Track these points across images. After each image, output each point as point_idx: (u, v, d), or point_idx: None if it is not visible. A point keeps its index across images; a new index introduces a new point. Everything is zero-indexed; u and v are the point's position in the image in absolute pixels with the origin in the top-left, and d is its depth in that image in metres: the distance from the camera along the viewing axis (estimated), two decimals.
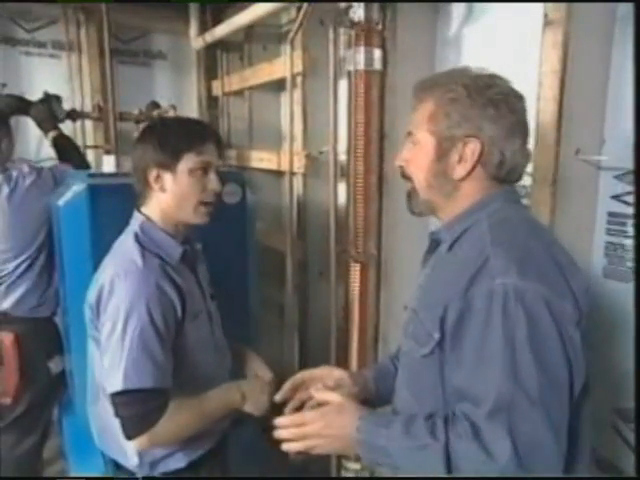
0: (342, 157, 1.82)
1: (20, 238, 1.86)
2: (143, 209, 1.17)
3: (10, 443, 1.94)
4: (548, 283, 0.73)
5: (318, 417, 0.86)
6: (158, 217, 1.15)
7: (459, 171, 0.82)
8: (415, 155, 0.87)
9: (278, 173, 2.49)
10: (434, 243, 0.93)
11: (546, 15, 1.11)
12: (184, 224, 1.17)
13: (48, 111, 2.05)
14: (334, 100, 1.50)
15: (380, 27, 1.50)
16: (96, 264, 1.19)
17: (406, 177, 0.90)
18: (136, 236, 1.12)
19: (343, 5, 1.47)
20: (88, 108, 2.49)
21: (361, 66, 1.49)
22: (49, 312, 1.96)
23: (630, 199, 1.15)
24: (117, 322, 1.04)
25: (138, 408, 1.04)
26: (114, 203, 1.30)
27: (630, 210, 1.16)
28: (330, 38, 1.43)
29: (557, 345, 0.71)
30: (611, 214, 1.19)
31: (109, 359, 1.06)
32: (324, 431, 0.84)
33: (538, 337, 0.70)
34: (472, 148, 0.81)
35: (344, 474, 1.79)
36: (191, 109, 2.79)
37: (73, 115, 2.19)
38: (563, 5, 1.08)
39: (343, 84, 1.58)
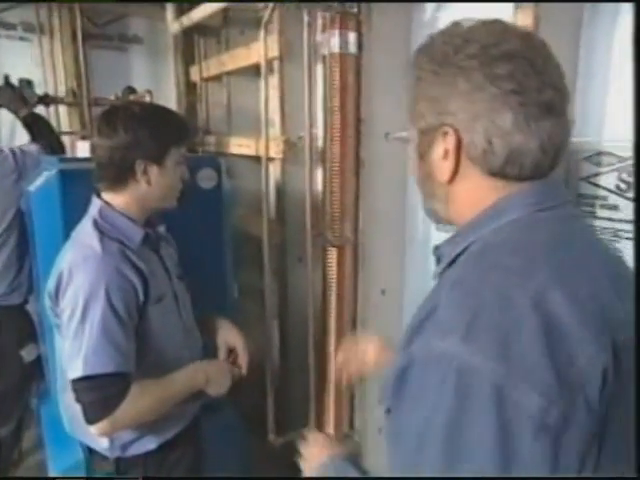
0: (320, 142, 1.82)
1: None
2: (105, 195, 1.16)
3: None
4: (510, 360, 0.48)
5: (308, 443, 0.95)
6: (126, 204, 1.15)
7: (442, 172, 0.63)
8: (409, 157, 0.71)
9: (257, 159, 2.48)
10: (438, 260, 0.72)
11: None
12: (155, 209, 1.18)
13: (14, 93, 2.00)
14: (309, 84, 1.49)
15: (355, 10, 1.50)
16: None
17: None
18: (95, 222, 1.12)
19: None
20: (62, 93, 2.44)
21: (336, 49, 1.49)
22: (20, 299, 1.94)
23: (598, 180, 1.17)
24: (76, 308, 1.04)
25: (98, 393, 1.05)
26: (86, 188, 1.28)
27: (599, 192, 1.18)
28: (305, 22, 1.42)
29: (487, 451, 0.48)
30: (580, 195, 1.21)
31: (69, 345, 1.07)
32: (307, 457, 0.93)
33: (462, 431, 0.49)
34: (450, 140, 0.60)
35: None
36: (169, 95, 2.75)
37: (46, 100, 2.15)
38: None
39: (320, 68, 1.58)
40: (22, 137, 2.45)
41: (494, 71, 0.57)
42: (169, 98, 2.69)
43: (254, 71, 2.48)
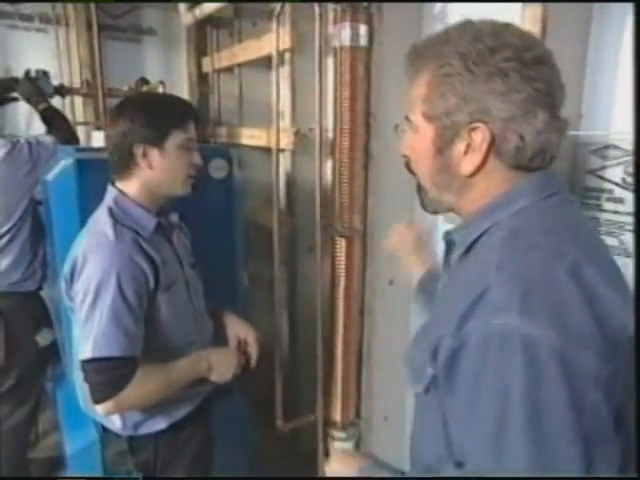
0: (330, 134, 1.84)
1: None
2: (118, 184, 1.20)
3: (3, 413, 1.99)
4: (565, 327, 0.54)
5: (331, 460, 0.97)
6: (137, 191, 1.19)
7: (466, 166, 0.66)
8: (415, 146, 0.72)
9: (268, 150, 2.51)
10: (449, 245, 0.78)
11: None
12: (165, 197, 1.22)
13: (34, 87, 2.04)
14: (320, 77, 1.51)
15: (366, 3, 1.51)
16: None
17: (411, 171, 0.77)
18: (109, 210, 1.16)
19: None
20: (77, 84, 2.48)
21: (347, 42, 1.50)
22: (35, 286, 1.99)
23: (604, 173, 1.18)
24: (88, 293, 1.09)
25: (105, 375, 1.09)
26: (102, 177, 1.32)
27: (605, 185, 1.20)
28: (316, 14, 1.43)
29: (565, 413, 0.53)
30: (586, 189, 1.22)
31: (81, 328, 1.11)
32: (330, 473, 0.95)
33: (539, 400, 0.53)
34: (480, 136, 0.64)
35: (330, 442, 1.85)
36: (181, 86, 2.78)
37: (62, 91, 2.19)
38: None
39: (331, 61, 1.59)
40: (39, 127, 2.51)
41: (529, 73, 0.62)
42: (181, 89, 2.73)
43: (265, 63, 2.50)
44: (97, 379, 1.10)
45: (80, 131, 2.50)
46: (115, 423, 1.23)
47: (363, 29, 1.50)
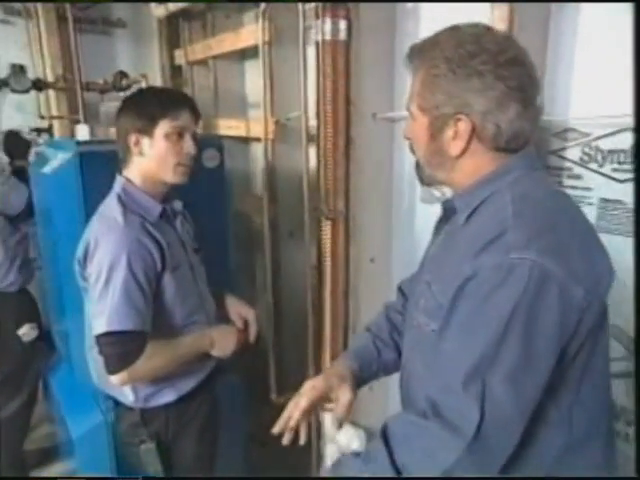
0: (312, 123, 1.93)
1: None
2: (125, 172, 1.29)
3: None
4: (568, 266, 0.69)
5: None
6: (138, 179, 1.27)
7: (454, 149, 0.81)
8: (413, 132, 0.86)
9: (245, 140, 2.59)
10: (447, 212, 0.91)
11: None
12: (163, 184, 1.29)
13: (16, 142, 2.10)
14: (304, 69, 1.60)
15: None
16: None
17: (412, 151, 0.90)
18: (118, 197, 1.25)
19: None
20: (50, 78, 2.46)
21: (328, 36, 1.60)
22: (15, 288, 2.02)
23: (565, 154, 1.34)
24: (101, 273, 1.17)
25: (119, 348, 1.19)
26: (103, 169, 1.38)
27: (565, 164, 1.35)
28: (300, 10, 1.53)
29: (553, 333, 0.69)
30: (550, 167, 1.37)
31: (94, 306, 1.20)
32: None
33: (537, 320, 0.69)
34: (463, 125, 0.78)
35: (321, 413, 1.97)
36: (154, 79, 2.79)
37: (39, 85, 2.19)
38: None
39: (309, 53, 1.69)
40: (9, 121, 2.49)
41: (502, 73, 0.75)
42: (154, 82, 2.74)
43: (239, 55, 2.58)
44: (111, 351, 1.19)
45: (56, 125, 2.51)
46: (128, 397, 1.32)
47: (343, 24, 1.60)
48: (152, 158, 1.25)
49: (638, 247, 1.01)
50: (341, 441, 1.95)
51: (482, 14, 1.35)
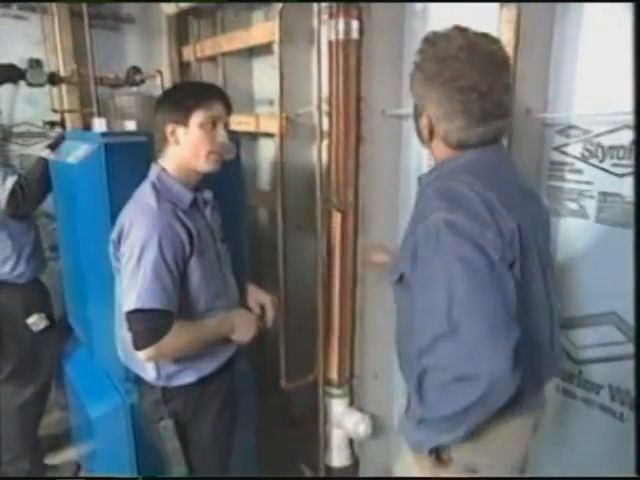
0: (324, 119, 1.99)
1: None
2: (160, 161, 1.36)
3: (10, 394, 2.09)
4: (472, 216, 0.90)
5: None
6: (173, 167, 1.35)
7: (425, 134, 1.07)
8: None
9: (254, 135, 2.65)
10: (420, 183, 1.15)
11: None
12: (196, 172, 1.36)
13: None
14: (318, 66, 1.67)
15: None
16: (113, 217, 1.37)
17: None
18: (153, 184, 1.32)
19: None
20: (62, 72, 2.50)
21: (341, 35, 1.67)
22: (25, 280, 2.06)
23: (568, 150, 1.41)
24: (133, 253, 1.24)
25: (147, 324, 1.25)
26: (128, 160, 1.44)
27: (567, 159, 1.43)
28: (315, 10, 1.59)
29: (481, 258, 0.88)
30: (553, 162, 1.45)
31: (126, 283, 1.27)
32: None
33: (462, 254, 0.89)
34: (426, 120, 1.04)
35: (327, 399, 2.05)
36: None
37: (54, 79, 2.24)
38: None
39: (316, 51, 1.75)
40: (21, 114, 2.54)
41: (454, 96, 0.97)
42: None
43: (247, 52, 2.64)
44: (140, 328, 1.25)
45: (68, 118, 2.56)
46: (151, 375, 1.39)
47: (355, 23, 1.67)
48: (187, 146, 1.32)
49: (638, 244, 1.08)
50: (347, 426, 2.03)
51: (490, 15, 1.43)
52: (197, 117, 1.31)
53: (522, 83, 1.37)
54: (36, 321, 2.08)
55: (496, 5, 1.39)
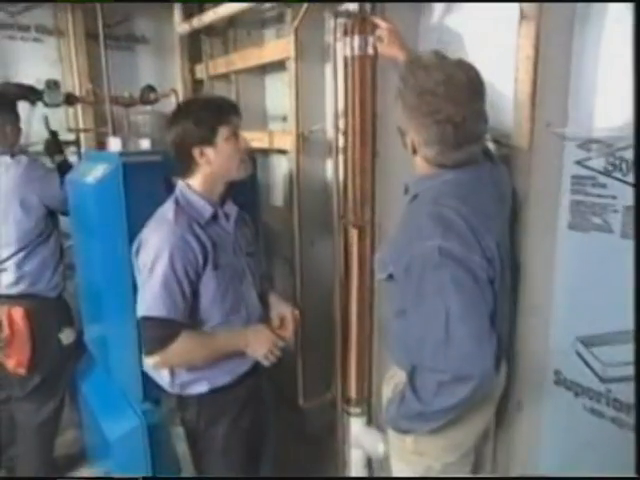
0: (330, 135, 2.00)
1: (24, 221, 1.96)
2: (186, 179, 1.38)
3: (31, 410, 2.07)
4: (463, 243, 1.06)
5: None
6: (199, 182, 1.37)
7: (409, 149, 1.19)
8: None
9: (264, 152, 2.65)
10: (405, 190, 1.30)
11: (522, 11, 1.33)
12: (223, 184, 1.39)
13: (55, 142, 2.26)
14: (334, 83, 1.67)
15: (372, 15, 1.68)
16: (131, 236, 1.37)
17: None
18: (176, 199, 1.35)
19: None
20: (78, 92, 2.54)
21: (357, 51, 1.67)
22: (56, 293, 2.09)
23: (590, 164, 1.39)
24: (147, 263, 1.28)
25: (154, 331, 1.29)
26: (145, 180, 1.45)
27: (590, 173, 1.41)
28: (331, 27, 1.60)
29: (471, 280, 1.06)
30: (574, 177, 1.43)
31: (140, 291, 1.31)
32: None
33: (454, 275, 1.05)
34: (409, 138, 1.16)
35: (346, 417, 2.02)
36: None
37: (71, 99, 2.27)
38: (536, 3, 1.30)
39: (329, 67, 1.76)
40: (36, 135, 2.56)
41: (432, 127, 1.09)
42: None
43: (260, 69, 2.66)
44: (147, 334, 1.30)
45: (82, 137, 2.59)
46: (165, 381, 1.41)
47: (370, 39, 1.67)
48: (220, 163, 1.35)
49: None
50: (366, 445, 1.99)
51: (506, 29, 1.43)
52: (222, 133, 1.34)
53: (541, 97, 1.36)
54: (67, 334, 2.10)
55: (509, 18, 1.39)
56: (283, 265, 2.71)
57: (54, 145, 2.23)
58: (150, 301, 1.28)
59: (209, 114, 1.33)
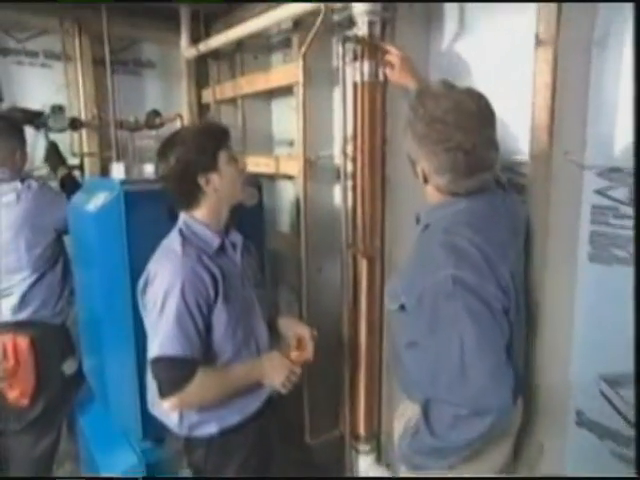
0: (336, 161, 1.95)
1: (35, 245, 1.92)
2: (188, 210, 1.33)
3: (28, 444, 2.00)
4: (476, 273, 1.04)
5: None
6: (203, 212, 1.33)
7: (420, 179, 1.19)
8: None
9: (270, 177, 2.61)
10: (417, 220, 1.29)
11: (537, 35, 1.29)
12: (228, 210, 1.36)
13: (57, 155, 2.23)
14: (343, 108, 1.63)
15: (381, 41, 1.64)
16: (132, 267, 1.31)
17: None
18: (180, 230, 1.31)
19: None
20: (83, 117, 2.52)
21: (366, 77, 1.63)
22: (61, 320, 2.03)
23: (611, 193, 1.33)
24: (157, 300, 1.22)
25: (170, 372, 1.22)
26: (146, 208, 1.40)
27: (611, 203, 1.35)
28: (339, 53, 1.56)
29: (486, 311, 1.03)
30: (594, 206, 1.37)
31: (150, 331, 1.24)
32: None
33: (469, 305, 1.03)
34: (420, 168, 1.16)
35: (354, 455, 1.93)
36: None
37: (75, 124, 2.24)
38: (552, 26, 1.25)
39: (337, 93, 1.72)
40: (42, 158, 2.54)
41: (442, 155, 1.08)
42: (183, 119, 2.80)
43: (267, 94, 2.63)
44: (163, 376, 1.22)
45: (87, 161, 2.56)
46: (173, 423, 1.34)
47: (380, 65, 1.63)
48: (225, 188, 1.32)
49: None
50: None
51: (522, 56, 1.38)
52: (223, 158, 1.32)
53: (559, 124, 1.31)
54: (70, 365, 2.04)
55: (521, 43, 1.35)
56: (289, 293, 2.64)
57: (54, 155, 2.19)
58: (163, 339, 1.20)
59: (208, 141, 1.31)
